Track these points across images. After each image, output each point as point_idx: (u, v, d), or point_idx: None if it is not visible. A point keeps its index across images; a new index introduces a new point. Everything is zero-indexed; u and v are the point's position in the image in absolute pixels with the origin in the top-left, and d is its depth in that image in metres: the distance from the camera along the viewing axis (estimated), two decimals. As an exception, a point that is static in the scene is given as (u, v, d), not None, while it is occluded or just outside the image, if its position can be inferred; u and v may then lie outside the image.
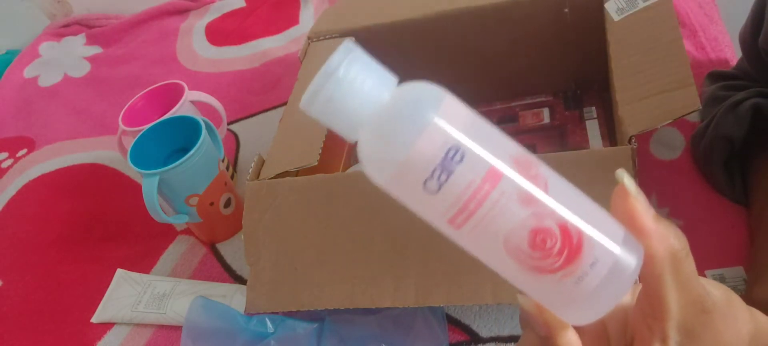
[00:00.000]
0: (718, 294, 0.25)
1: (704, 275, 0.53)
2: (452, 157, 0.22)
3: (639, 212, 0.23)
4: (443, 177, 0.22)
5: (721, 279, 0.53)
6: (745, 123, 0.55)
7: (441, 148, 0.22)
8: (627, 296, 0.28)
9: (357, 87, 0.22)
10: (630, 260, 0.23)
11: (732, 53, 0.73)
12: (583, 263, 0.22)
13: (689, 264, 0.24)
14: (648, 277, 0.24)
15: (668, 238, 0.23)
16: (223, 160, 0.69)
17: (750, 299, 0.50)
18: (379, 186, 0.23)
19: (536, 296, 0.24)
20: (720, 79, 0.65)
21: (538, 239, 0.22)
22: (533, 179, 0.22)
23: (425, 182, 0.22)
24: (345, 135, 0.23)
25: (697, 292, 0.24)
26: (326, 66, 0.22)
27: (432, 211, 0.23)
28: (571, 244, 0.22)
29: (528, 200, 0.22)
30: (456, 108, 0.23)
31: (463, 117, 0.23)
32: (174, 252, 0.70)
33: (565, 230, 0.22)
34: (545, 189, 0.22)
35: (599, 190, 0.25)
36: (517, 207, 0.22)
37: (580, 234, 0.22)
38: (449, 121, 0.22)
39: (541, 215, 0.22)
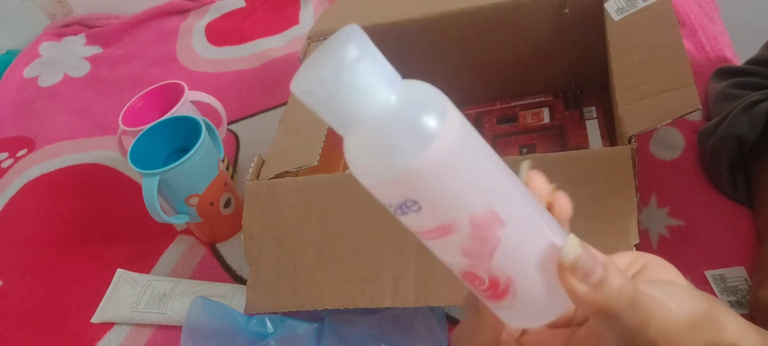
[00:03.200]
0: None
1: (703, 276, 0.53)
2: (413, 204, 0.22)
3: (572, 290, 0.23)
4: (412, 207, 0.22)
5: (722, 279, 0.52)
6: (759, 125, 0.54)
7: (425, 176, 0.22)
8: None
9: (365, 87, 0.21)
10: (558, 305, 0.25)
11: (732, 53, 0.73)
12: (507, 302, 0.25)
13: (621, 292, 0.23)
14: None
15: (598, 302, 0.23)
16: (223, 161, 0.69)
17: (755, 301, 0.49)
18: (366, 186, 0.23)
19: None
20: (731, 75, 0.64)
21: (468, 278, 0.25)
22: (484, 241, 0.23)
23: (400, 205, 0.23)
24: (336, 129, 0.22)
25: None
26: (335, 58, 0.21)
27: (402, 220, 0.24)
28: (497, 291, 0.24)
29: (469, 254, 0.24)
30: (455, 123, 0.22)
31: (462, 137, 0.22)
32: (174, 252, 0.70)
33: (495, 281, 0.24)
34: (492, 251, 0.23)
35: (599, 189, 0.25)
36: (458, 254, 0.24)
37: (509, 283, 0.24)
38: (447, 145, 0.22)
39: (476, 266, 0.24)
